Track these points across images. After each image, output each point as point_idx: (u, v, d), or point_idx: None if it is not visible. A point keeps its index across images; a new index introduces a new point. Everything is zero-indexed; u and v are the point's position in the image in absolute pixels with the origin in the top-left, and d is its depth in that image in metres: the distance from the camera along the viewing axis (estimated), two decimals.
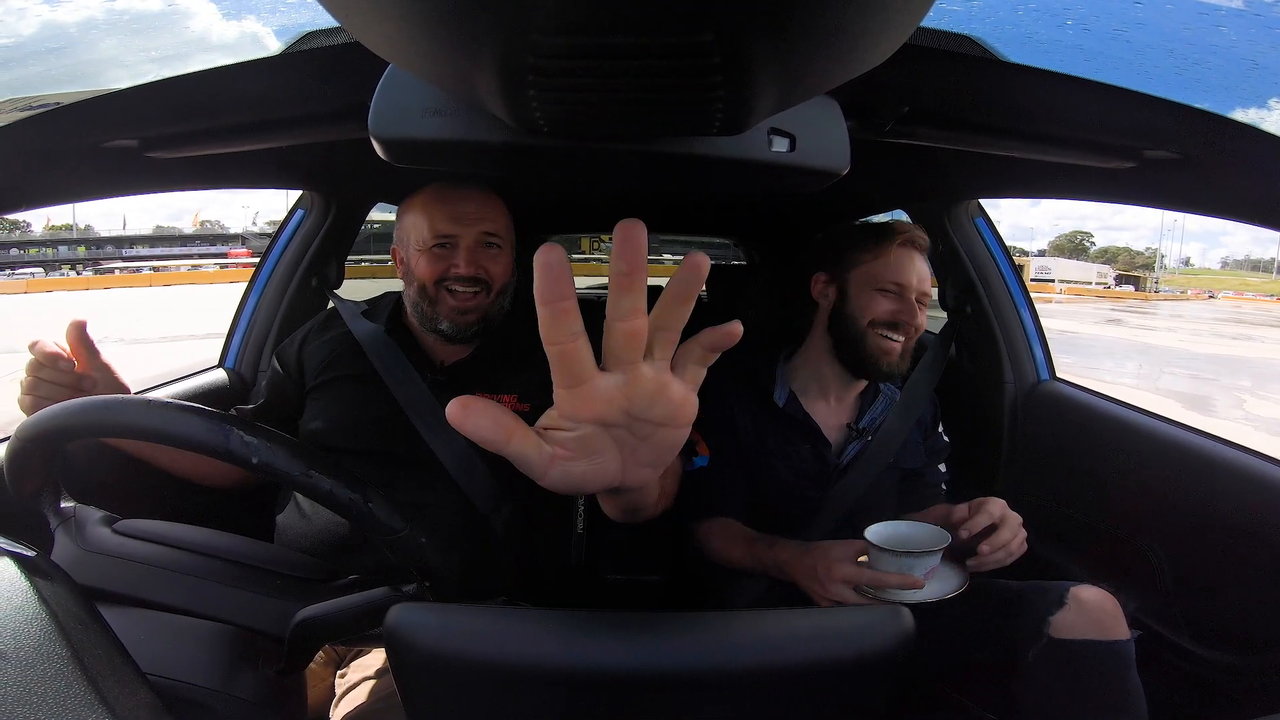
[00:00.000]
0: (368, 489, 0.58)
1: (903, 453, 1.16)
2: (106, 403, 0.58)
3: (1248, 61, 0.55)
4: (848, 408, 1.18)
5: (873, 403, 1.17)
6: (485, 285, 0.99)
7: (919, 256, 1.12)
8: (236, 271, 27.22)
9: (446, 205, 0.98)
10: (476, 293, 0.99)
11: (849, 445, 1.15)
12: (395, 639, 0.46)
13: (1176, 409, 6.73)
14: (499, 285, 1.01)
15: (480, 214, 0.99)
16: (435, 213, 0.98)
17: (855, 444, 1.14)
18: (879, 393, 1.18)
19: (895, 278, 1.10)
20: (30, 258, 41.08)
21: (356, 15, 0.32)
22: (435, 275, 0.98)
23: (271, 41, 0.59)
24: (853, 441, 1.15)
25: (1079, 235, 62.68)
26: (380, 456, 0.97)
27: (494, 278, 1.00)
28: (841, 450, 1.15)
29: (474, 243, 0.98)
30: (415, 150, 0.52)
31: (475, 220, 0.98)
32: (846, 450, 1.15)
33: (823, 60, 0.34)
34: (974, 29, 0.56)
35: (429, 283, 0.98)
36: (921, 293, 1.11)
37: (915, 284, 1.11)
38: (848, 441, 1.15)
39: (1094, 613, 0.86)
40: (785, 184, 0.57)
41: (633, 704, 0.47)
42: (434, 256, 0.98)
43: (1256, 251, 62.47)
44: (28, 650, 0.41)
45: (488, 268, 0.99)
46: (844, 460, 1.14)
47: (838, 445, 1.15)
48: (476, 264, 0.98)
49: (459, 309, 0.98)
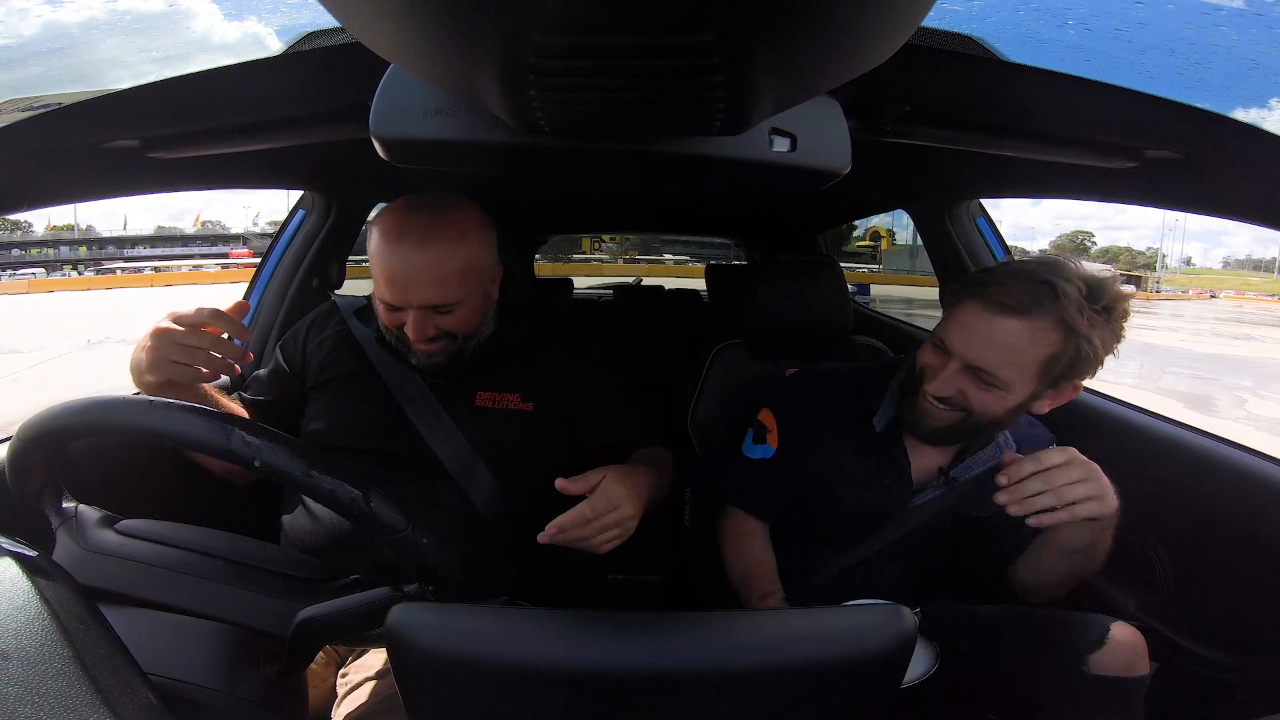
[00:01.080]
0: (368, 488, 0.58)
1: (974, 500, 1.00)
2: (108, 402, 0.58)
3: (1249, 61, 0.55)
4: (949, 453, 1.01)
5: (980, 449, 0.99)
6: (447, 336, 0.94)
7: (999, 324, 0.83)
8: (237, 272, 27.25)
9: (393, 267, 0.88)
10: (438, 342, 0.94)
11: (929, 489, 1.01)
12: (396, 639, 0.46)
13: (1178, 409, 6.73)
14: (463, 332, 0.95)
15: (425, 279, 0.88)
16: (380, 268, 0.89)
17: (934, 490, 1.01)
18: (990, 441, 0.98)
19: (943, 331, 0.90)
20: (32, 258, 41.13)
21: (357, 15, 0.33)
22: (393, 324, 0.94)
23: (273, 42, 0.59)
24: (933, 486, 1.01)
25: (1080, 235, 62.69)
26: (380, 456, 0.97)
27: (455, 330, 0.94)
28: (920, 490, 1.01)
29: (421, 317, 0.90)
30: (416, 150, 0.52)
31: (419, 288, 0.89)
32: (925, 493, 1.01)
33: (823, 60, 0.34)
34: (975, 29, 0.56)
35: (389, 326, 0.95)
36: (978, 369, 0.85)
37: (962, 349, 0.86)
38: (929, 485, 1.01)
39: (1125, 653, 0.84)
40: (786, 184, 0.57)
41: (633, 704, 0.47)
42: (388, 310, 0.92)
43: (1258, 251, 62.42)
44: (29, 650, 0.41)
45: (441, 326, 0.92)
46: (915, 503, 1.01)
47: (919, 485, 1.01)
48: (427, 327, 0.91)
49: (425, 353, 0.95)
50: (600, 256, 21.02)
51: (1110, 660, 0.84)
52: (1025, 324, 0.82)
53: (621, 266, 19.96)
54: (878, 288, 14.99)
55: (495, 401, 1.00)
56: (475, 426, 0.98)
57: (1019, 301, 0.82)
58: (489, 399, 1.00)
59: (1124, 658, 0.85)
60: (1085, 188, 1.06)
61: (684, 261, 18.36)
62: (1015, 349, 0.82)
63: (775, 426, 1.09)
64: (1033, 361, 0.83)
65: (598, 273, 15.99)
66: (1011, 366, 0.83)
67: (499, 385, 1.01)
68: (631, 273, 15.69)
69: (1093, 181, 0.97)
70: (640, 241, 19.12)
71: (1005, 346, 0.83)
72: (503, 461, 0.98)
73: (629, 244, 20.68)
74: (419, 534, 0.60)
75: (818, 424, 1.06)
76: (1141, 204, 1.04)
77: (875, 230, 22.81)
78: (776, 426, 1.09)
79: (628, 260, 21.56)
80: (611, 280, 5.54)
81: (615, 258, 22.01)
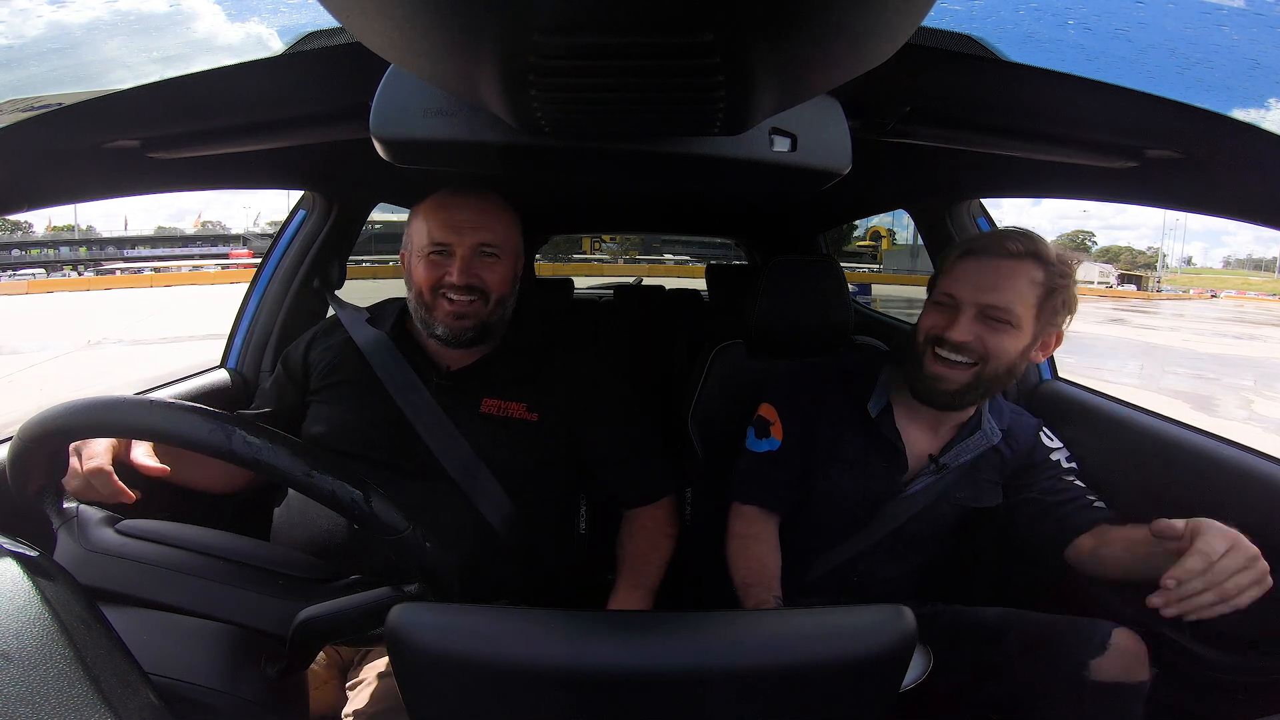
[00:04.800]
0: (369, 489, 0.58)
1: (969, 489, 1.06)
2: (109, 403, 0.58)
3: (1249, 60, 0.55)
4: (941, 436, 1.06)
5: (968, 436, 1.05)
6: (481, 294, 0.99)
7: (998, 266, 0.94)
8: (238, 272, 27.24)
9: (444, 213, 0.99)
10: (473, 300, 0.98)
11: (922, 475, 1.06)
12: (397, 639, 0.46)
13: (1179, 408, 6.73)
14: (496, 294, 1.00)
15: (477, 223, 0.98)
16: (434, 220, 0.98)
17: (928, 476, 1.05)
18: (978, 428, 1.05)
19: (948, 288, 0.97)
20: (32, 258, 41.13)
21: (357, 15, 0.33)
22: (431, 282, 0.98)
23: (275, 42, 0.59)
24: (927, 473, 1.05)
25: (1081, 234, 62.64)
26: (381, 460, 0.97)
27: (490, 286, 0.99)
28: (914, 478, 1.06)
29: (469, 252, 0.97)
30: (416, 150, 0.52)
31: (471, 230, 0.98)
32: (918, 480, 1.06)
33: (824, 60, 0.34)
34: (975, 29, 0.56)
35: (425, 288, 0.99)
36: (992, 306, 0.93)
37: (970, 295, 0.94)
38: (923, 471, 1.06)
39: (1127, 658, 0.85)
40: (786, 184, 0.57)
41: (633, 704, 0.47)
42: (431, 263, 0.98)
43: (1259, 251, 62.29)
44: (30, 650, 0.41)
45: (483, 276, 0.98)
46: (911, 490, 1.05)
47: (913, 472, 1.06)
48: (471, 273, 0.97)
49: (455, 314, 0.98)
50: (601, 256, 21.08)
51: (1111, 666, 0.84)
52: (1020, 264, 0.94)
53: (622, 266, 19.99)
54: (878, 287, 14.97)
55: (500, 409, 1.01)
56: (480, 433, 0.98)
57: (1012, 248, 0.95)
58: (494, 406, 1.01)
59: (1124, 664, 0.84)
60: (1086, 188, 1.06)
61: (684, 261, 18.40)
62: (1018, 287, 0.94)
63: (778, 418, 1.10)
64: (1032, 297, 0.94)
65: (598, 272, 16.01)
66: (1019, 301, 0.93)
67: (504, 393, 1.02)
68: (632, 272, 15.72)
69: (1093, 181, 0.97)
70: (641, 241, 19.16)
71: (1010, 284, 0.93)
72: (507, 468, 0.98)
73: (629, 244, 20.73)
74: (420, 534, 0.60)
75: (815, 412, 1.09)
76: (1142, 204, 1.04)
77: (876, 230, 22.80)
78: (779, 418, 1.10)
79: (628, 260, 21.59)
80: (612, 280, 5.54)
81: (616, 257, 22.04)
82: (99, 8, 0.59)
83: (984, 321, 0.94)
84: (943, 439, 1.06)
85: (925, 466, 1.06)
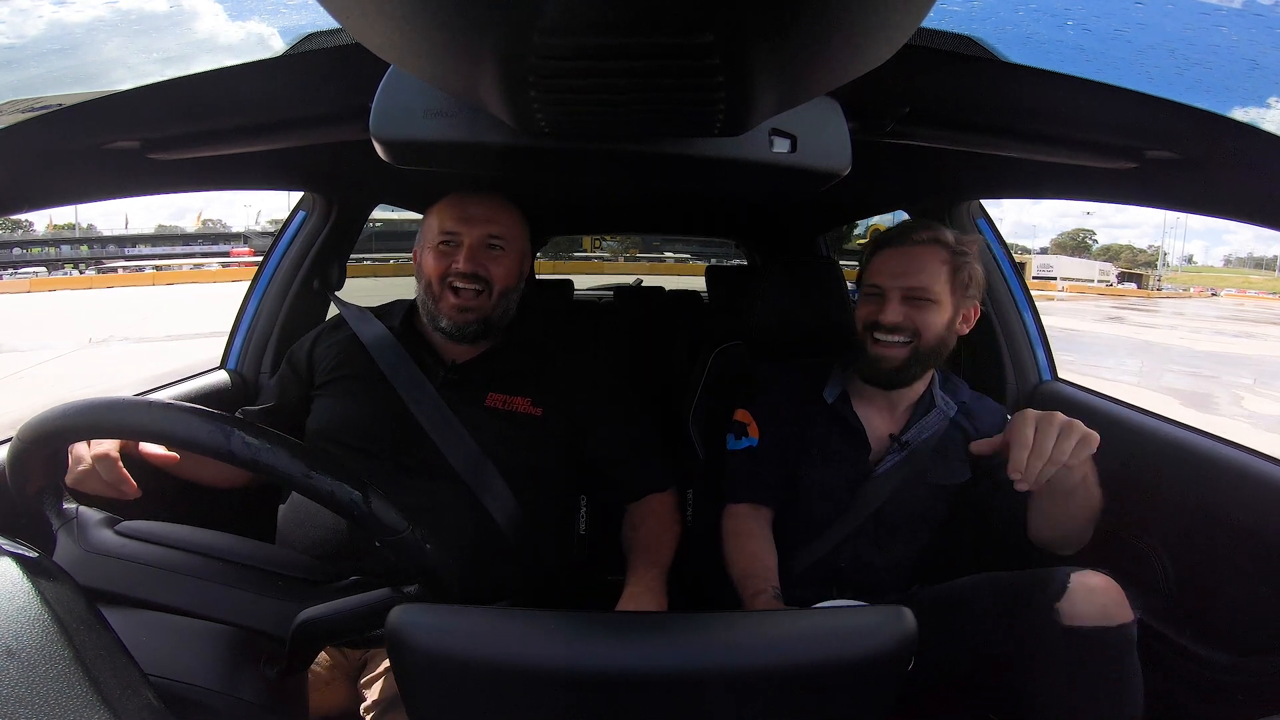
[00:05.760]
0: (369, 490, 0.58)
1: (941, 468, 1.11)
2: (109, 403, 0.58)
3: (1248, 61, 0.55)
4: (899, 418, 1.15)
5: (924, 415, 1.13)
6: (486, 285, 1.01)
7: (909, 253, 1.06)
8: (239, 270, 27.22)
9: (455, 208, 1.03)
10: (479, 292, 1.00)
11: (888, 455, 1.12)
12: (397, 640, 0.46)
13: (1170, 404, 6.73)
14: (500, 287, 1.02)
15: (486, 216, 1.02)
16: (445, 214, 1.02)
17: (894, 455, 1.12)
18: (932, 405, 1.14)
19: (873, 279, 1.09)
20: (33, 257, 41.11)
21: (357, 16, 0.33)
22: (439, 271, 1.00)
23: (277, 42, 0.59)
24: (892, 453, 1.12)
25: (1081, 233, 62.49)
26: (384, 455, 0.97)
27: (495, 278, 1.01)
28: (880, 459, 1.12)
29: (476, 242, 1.00)
30: (416, 151, 0.52)
31: (480, 221, 1.01)
32: (885, 460, 1.12)
33: (823, 61, 0.34)
34: (974, 29, 0.56)
35: (434, 279, 1.01)
36: (912, 288, 1.05)
37: (892, 282, 1.06)
38: (888, 452, 1.12)
39: (1100, 599, 0.85)
40: (786, 184, 0.57)
41: (633, 705, 0.47)
42: (439, 253, 1.01)
43: (1259, 249, 62.23)
44: (30, 651, 0.41)
45: (489, 267, 1.01)
46: (880, 470, 1.11)
47: (877, 453, 1.13)
48: (476, 261, 1.00)
49: (459, 307, 1.00)
50: (601, 255, 21.09)
51: (1084, 610, 0.85)
52: (928, 249, 1.06)
53: (622, 265, 20.01)
54: None
55: (505, 403, 1.02)
56: (485, 428, 0.99)
57: (918, 236, 1.07)
58: (499, 400, 1.02)
59: (1098, 605, 0.85)
60: (1085, 188, 1.07)
61: (684, 260, 18.42)
62: (931, 268, 1.05)
63: (752, 419, 1.17)
64: (943, 275, 1.06)
65: (598, 272, 16.01)
66: (935, 281, 1.05)
67: (509, 387, 1.02)
68: (632, 270, 15.71)
69: (1093, 182, 0.97)
70: (641, 240, 19.16)
71: (923, 266, 1.06)
72: (512, 464, 0.98)
73: (630, 242, 20.72)
74: (419, 535, 0.60)
75: (783, 407, 1.17)
76: (1141, 204, 1.04)
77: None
78: (753, 418, 1.17)
79: (628, 258, 21.61)
80: (612, 281, 5.54)
81: (616, 256, 22.05)
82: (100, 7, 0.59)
83: (910, 303, 1.06)
84: (900, 420, 1.14)
85: (889, 446, 1.13)
